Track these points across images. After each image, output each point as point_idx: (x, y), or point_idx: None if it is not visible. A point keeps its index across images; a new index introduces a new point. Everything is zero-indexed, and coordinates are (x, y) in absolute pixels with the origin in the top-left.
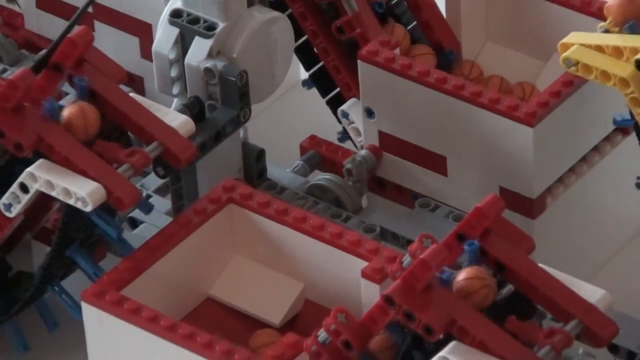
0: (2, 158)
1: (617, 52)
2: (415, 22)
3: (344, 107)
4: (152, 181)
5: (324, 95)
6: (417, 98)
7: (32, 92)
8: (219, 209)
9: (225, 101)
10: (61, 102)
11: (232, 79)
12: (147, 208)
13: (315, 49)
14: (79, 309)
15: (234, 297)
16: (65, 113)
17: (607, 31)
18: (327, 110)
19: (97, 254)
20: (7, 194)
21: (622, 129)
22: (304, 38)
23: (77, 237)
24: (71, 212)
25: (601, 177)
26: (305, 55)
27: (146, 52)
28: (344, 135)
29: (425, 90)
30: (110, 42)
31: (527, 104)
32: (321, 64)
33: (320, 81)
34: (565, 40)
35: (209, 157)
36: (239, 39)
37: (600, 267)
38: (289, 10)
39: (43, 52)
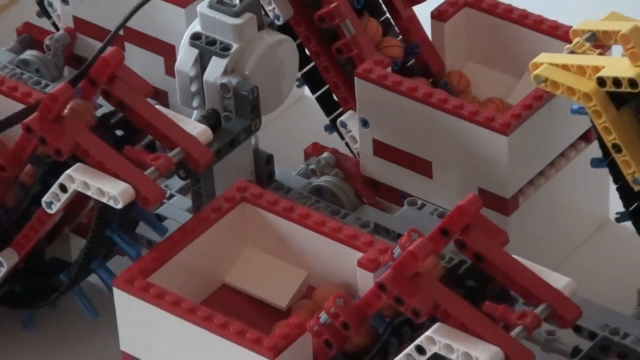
0: (45, 165)
1: (581, 70)
2: (386, 15)
3: (342, 118)
4: (175, 182)
5: (326, 109)
6: (406, 110)
7: (69, 103)
8: (233, 206)
9: (238, 113)
10: None
11: (245, 93)
12: (162, 231)
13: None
14: (95, 311)
15: (246, 283)
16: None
17: (572, 52)
18: (327, 121)
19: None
20: (48, 194)
21: (585, 137)
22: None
23: (100, 254)
24: (103, 213)
25: (567, 179)
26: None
27: (170, 69)
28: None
29: (414, 103)
30: (139, 61)
31: (502, 115)
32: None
33: (322, 96)
34: (535, 60)
35: (224, 162)
36: (250, 58)
37: (565, 258)
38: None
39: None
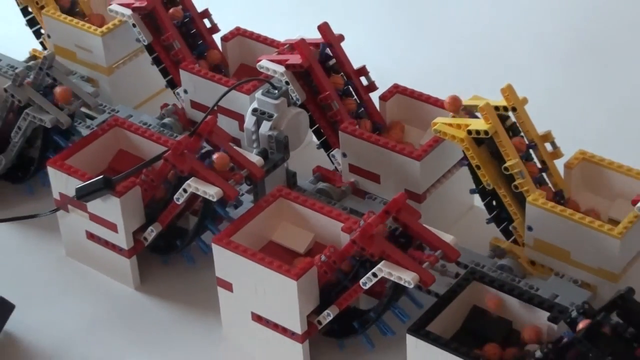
0: (174, 179)
1: (459, 126)
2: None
3: (332, 152)
4: (244, 187)
5: (324, 148)
6: (366, 148)
7: (188, 146)
8: (274, 200)
9: (277, 150)
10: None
11: (281, 140)
12: (231, 219)
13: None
14: (192, 259)
15: (282, 240)
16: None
17: (454, 116)
18: (324, 154)
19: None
20: (177, 193)
21: (459, 162)
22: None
23: (201, 232)
24: (207, 206)
25: (451, 184)
26: (316, 132)
27: (241, 127)
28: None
29: (369, 144)
30: (225, 123)
31: (417, 150)
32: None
33: (321, 140)
34: (434, 120)
35: (270, 177)
36: (283, 121)
37: (451, 226)
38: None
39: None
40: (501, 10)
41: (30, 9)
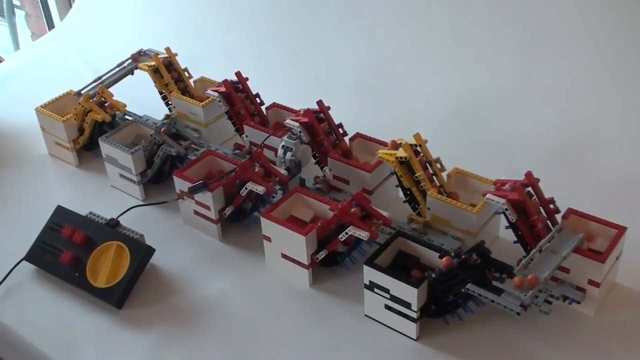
0: (238, 185)
1: (391, 154)
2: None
3: (324, 168)
4: (277, 187)
5: (319, 165)
6: (342, 166)
7: (248, 165)
8: (293, 193)
9: (295, 167)
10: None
11: (297, 162)
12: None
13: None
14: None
15: (297, 214)
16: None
17: (389, 149)
18: (319, 169)
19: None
20: (241, 190)
21: (392, 173)
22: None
23: (256, 209)
24: (258, 196)
25: (387, 185)
26: (314, 157)
27: (276, 155)
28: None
29: (343, 164)
30: (267, 153)
31: (370, 165)
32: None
33: (317, 161)
34: (378, 151)
35: (291, 181)
36: (298, 152)
37: (386, 207)
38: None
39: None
40: (418, 86)
41: (163, 91)
